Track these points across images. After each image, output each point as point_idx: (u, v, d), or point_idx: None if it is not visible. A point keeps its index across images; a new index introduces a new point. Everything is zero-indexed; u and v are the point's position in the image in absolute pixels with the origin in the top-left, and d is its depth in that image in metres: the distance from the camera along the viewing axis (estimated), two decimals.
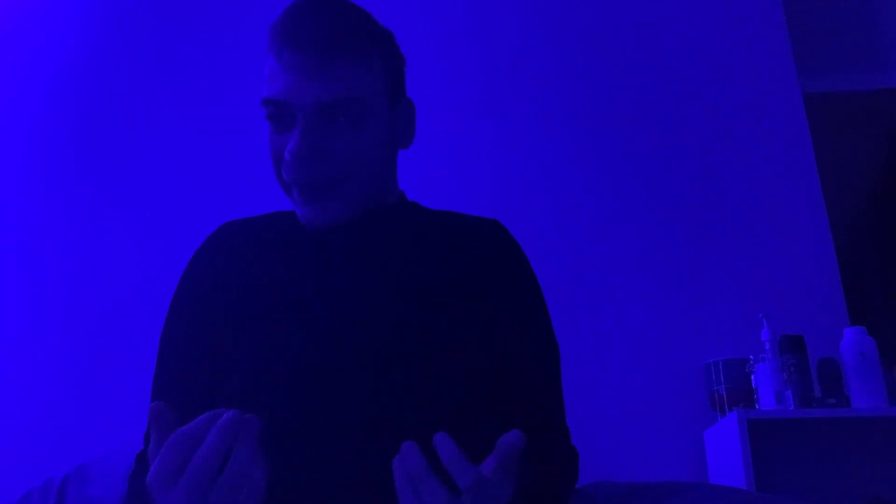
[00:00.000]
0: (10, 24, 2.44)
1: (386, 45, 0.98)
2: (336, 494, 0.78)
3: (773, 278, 2.19)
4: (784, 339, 1.90)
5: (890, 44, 2.80)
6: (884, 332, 2.02)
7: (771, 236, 2.24)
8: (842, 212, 2.49)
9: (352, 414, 0.81)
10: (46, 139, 2.32)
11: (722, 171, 2.31)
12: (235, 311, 0.91)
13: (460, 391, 0.87)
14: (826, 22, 2.81)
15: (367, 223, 1.00)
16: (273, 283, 0.92)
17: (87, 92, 2.37)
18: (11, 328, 2.10)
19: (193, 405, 0.88)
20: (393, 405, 0.82)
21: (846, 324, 2.10)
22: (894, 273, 2.59)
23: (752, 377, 1.91)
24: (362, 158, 0.93)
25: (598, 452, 1.90)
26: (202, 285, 0.97)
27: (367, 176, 0.96)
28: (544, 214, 2.25)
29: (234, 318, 0.91)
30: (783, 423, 1.82)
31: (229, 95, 2.36)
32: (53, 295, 2.14)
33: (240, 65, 2.39)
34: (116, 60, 2.41)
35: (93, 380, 2.03)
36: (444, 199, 1.23)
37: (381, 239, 0.98)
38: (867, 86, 2.76)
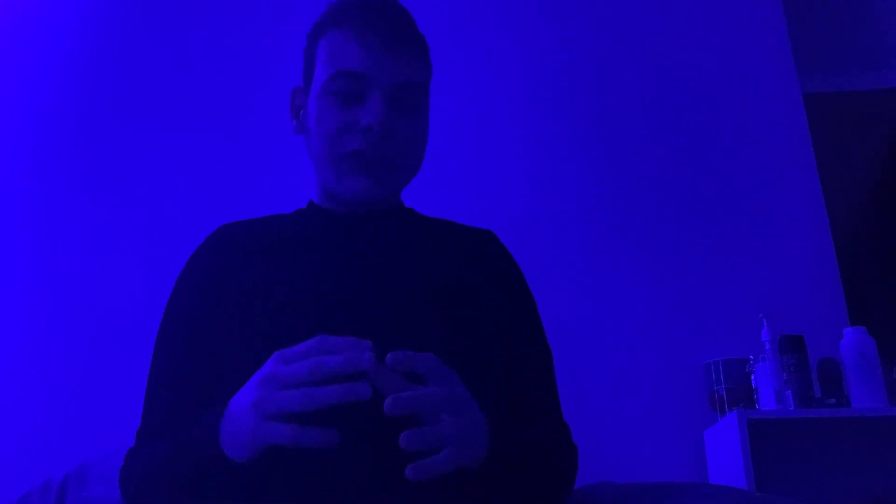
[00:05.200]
0: (9, 23, 2.44)
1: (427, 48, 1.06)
2: (340, 492, 0.78)
3: (773, 278, 2.19)
4: (784, 339, 1.90)
5: (890, 44, 2.80)
6: (884, 332, 2.03)
7: (771, 236, 2.24)
8: (842, 212, 2.49)
9: (350, 413, 0.81)
10: (45, 139, 2.32)
11: (722, 171, 2.31)
12: (232, 313, 0.91)
13: None
14: (826, 22, 2.81)
15: (366, 226, 1.00)
16: (271, 285, 0.92)
17: (84, 92, 2.37)
18: (11, 328, 2.10)
19: (187, 406, 0.89)
20: None
21: (846, 324, 2.10)
22: (894, 273, 2.59)
23: (752, 377, 1.91)
24: (417, 142, 1.01)
25: (598, 452, 1.90)
26: (199, 286, 0.97)
27: (416, 161, 1.03)
28: (543, 214, 2.25)
29: (231, 319, 0.91)
30: (783, 423, 1.82)
31: (229, 96, 2.36)
32: (53, 295, 2.14)
33: (240, 66, 2.39)
34: (116, 60, 2.41)
35: (93, 380, 2.03)
36: (441, 199, 1.24)
37: (381, 242, 0.99)
38: (867, 86, 2.76)
